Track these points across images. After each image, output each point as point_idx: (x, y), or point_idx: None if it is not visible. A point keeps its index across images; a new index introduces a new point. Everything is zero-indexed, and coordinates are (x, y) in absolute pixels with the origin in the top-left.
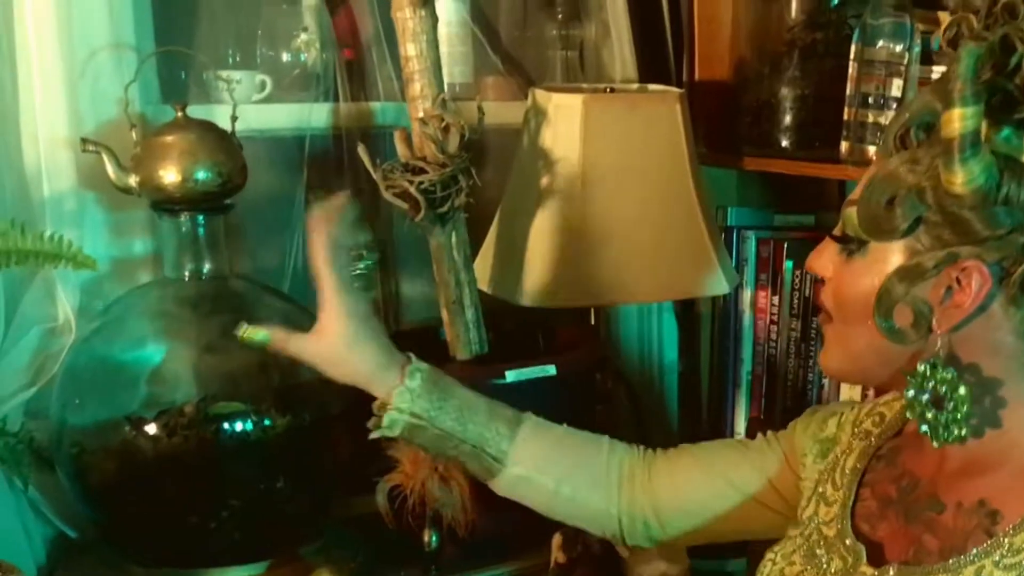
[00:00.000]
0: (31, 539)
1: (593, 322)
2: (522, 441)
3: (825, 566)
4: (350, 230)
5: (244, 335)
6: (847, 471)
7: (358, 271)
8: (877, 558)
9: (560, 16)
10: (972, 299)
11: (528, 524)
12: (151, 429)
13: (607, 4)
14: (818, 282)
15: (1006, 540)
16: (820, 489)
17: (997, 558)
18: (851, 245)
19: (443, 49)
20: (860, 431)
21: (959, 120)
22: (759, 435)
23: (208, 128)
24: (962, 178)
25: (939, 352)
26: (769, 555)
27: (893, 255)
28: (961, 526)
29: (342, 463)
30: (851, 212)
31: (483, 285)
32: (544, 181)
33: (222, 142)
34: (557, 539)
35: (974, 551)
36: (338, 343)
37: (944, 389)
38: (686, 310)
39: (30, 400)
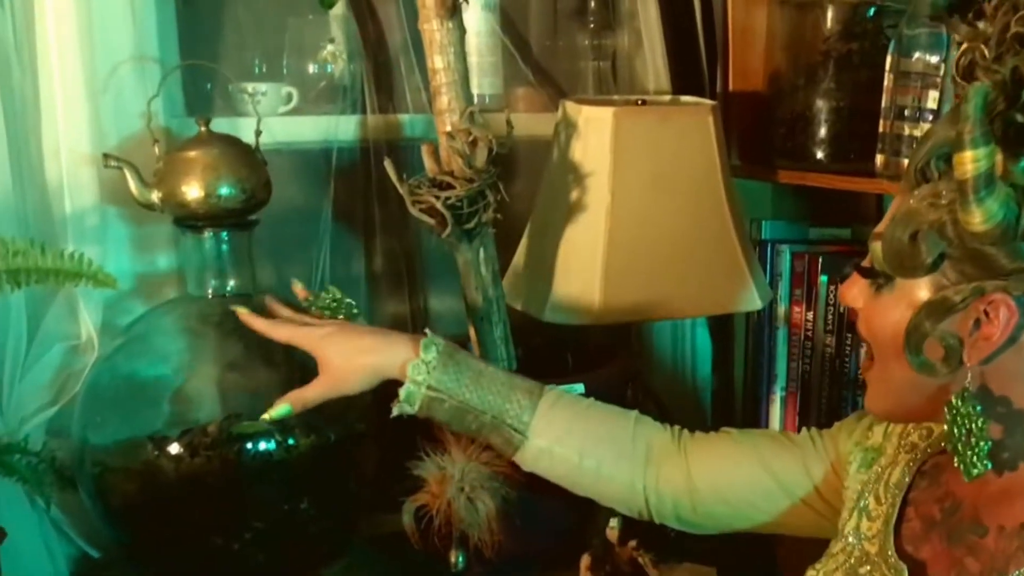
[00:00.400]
0: (54, 558)
1: (631, 338)
2: (544, 412)
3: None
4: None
5: (270, 417)
6: (891, 485)
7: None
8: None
9: (592, 26)
10: (1001, 331)
11: (556, 545)
12: (174, 449)
13: (640, 13)
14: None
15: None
16: (863, 502)
17: None
18: (879, 279)
19: (472, 60)
20: (906, 443)
21: (971, 162)
22: (804, 430)
23: (232, 143)
24: (980, 217)
25: (968, 385)
26: (811, 572)
27: (920, 290)
28: (1003, 549)
29: (367, 483)
30: (877, 247)
31: (512, 300)
32: (574, 195)
33: (246, 157)
34: (585, 560)
35: (1016, 573)
36: (339, 363)
37: (970, 424)
38: (720, 325)
39: (52, 418)
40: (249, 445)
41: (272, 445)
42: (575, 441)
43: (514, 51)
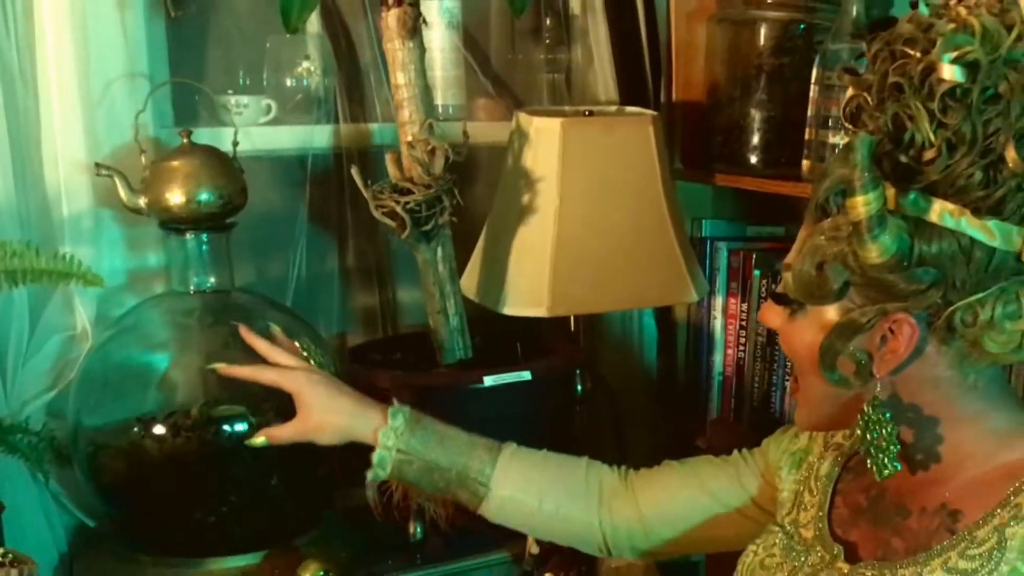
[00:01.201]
0: (53, 529)
1: (572, 329)
2: (504, 465)
3: (804, 559)
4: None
5: (250, 443)
6: (822, 476)
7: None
8: (851, 557)
9: (547, 41)
10: (905, 346)
11: None
12: (158, 430)
13: (591, 31)
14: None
15: (968, 534)
16: (799, 498)
17: (962, 549)
18: (792, 305)
19: (436, 73)
20: (832, 443)
21: (862, 205)
22: (735, 452)
23: (211, 153)
24: (875, 252)
25: (879, 394)
26: (751, 547)
27: (829, 313)
28: (926, 526)
29: (332, 461)
30: (788, 277)
31: (471, 294)
32: (526, 198)
33: (224, 166)
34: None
35: (938, 547)
36: (315, 414)
37: (880, 429)
38: (664, 314)
39: (51, 402)
40: (226, 427)
41: (246, 427)
42: (534, 488)
43: (475, 65)
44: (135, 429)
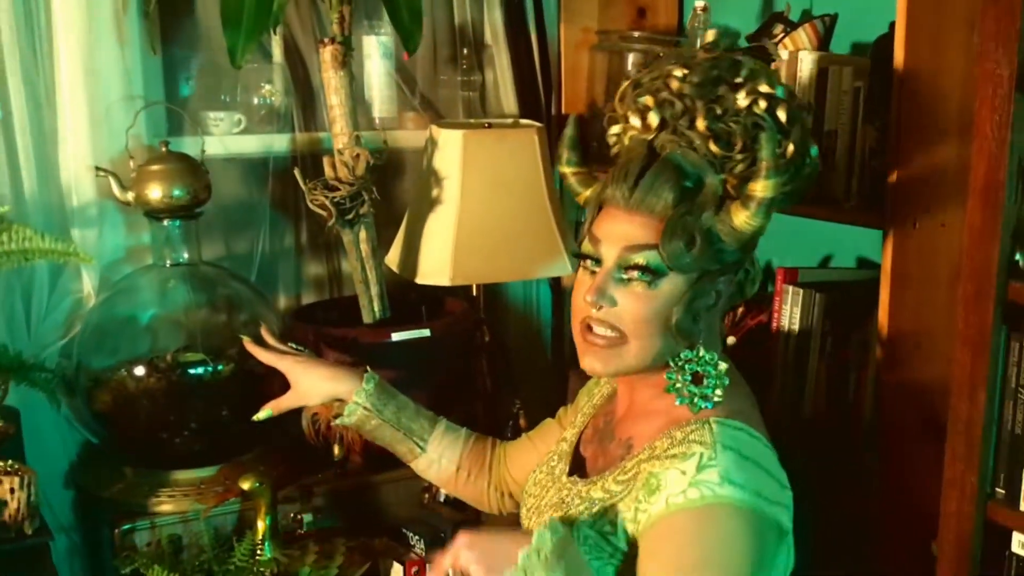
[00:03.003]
0: (65, 443)
1: (475, 295)
2: (437, 435)
3: (554, 467)
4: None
5: (258, 418)
6: (593, 405)
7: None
8: (579, 469)
9: (464, 66)
10: (721, 301)
11: None
12: (139, 371)
13: (495, 59)
14: (596, 310)
15: (623, 464)
16: (574, 420)
17: (617, 475)
18: (643, 279)
19: (374, 93)
20: (607, 389)
21: (763, 190)
22: (561, 408)
23: (182, 159)
24: (758, 223)
25: (701, 342)
26: (534, 471)
27: (677, 283)
28: (615, 453)
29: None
30: (639, 256)
31: (394, 266)
32: (435, 192)
33: (193, 169)
34: None
35: (610, 470)
36: (305, 385)
37: (706, 368)
38: (556, 284)
39: (63, 347)
40: (191, 370)
41: (207, 370)
42: (456, 456)
43: (404, 87)
44: (122, 370)
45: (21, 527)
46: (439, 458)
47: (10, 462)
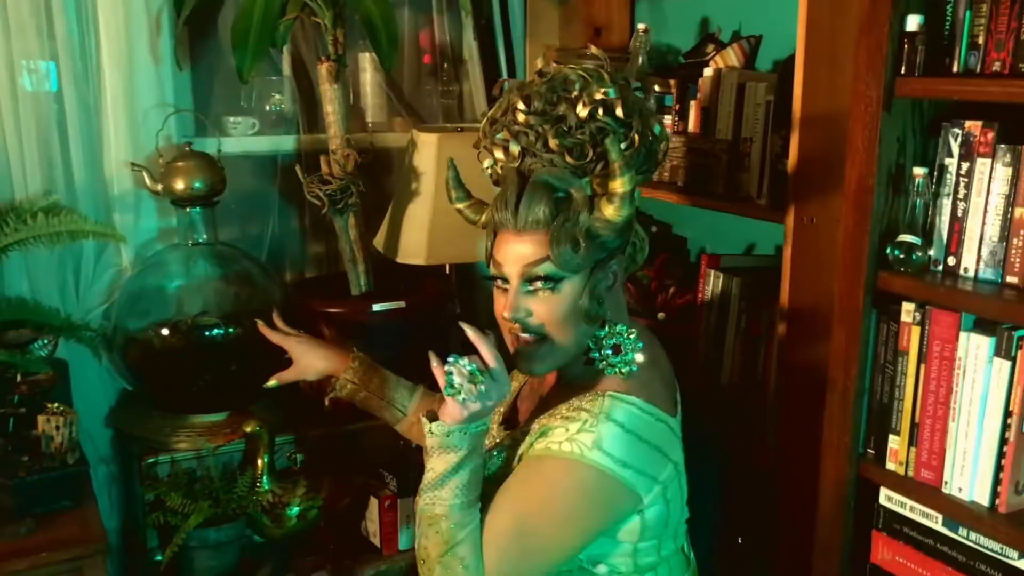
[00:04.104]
0: (105, 389)
1: (448, 272)
2: (416, 401)
3: (496, 418)
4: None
5: (266, 387)
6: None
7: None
8: (515, 420)
9: (444, 78)
10: (618, 280)
11: None
12: (164, 332)
13: (469, 72)
14: (515, 322)
15: (533, 422)
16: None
17: (524, 427)
18: (547, 287)
19: (368, 101)
20: None
21: (623, 185)
22: None
23: (202, 156)
24: (626, 213)
25: (611, 319)
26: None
27: (576, 280)
28: (533, 411)
29: (276, 355)
30: (538, 269)
31: (380, 247)
32: (414, 186)
33: (211, 165)
34: None
35: (524, 424)
36: (304, 361)
37: (622, 339)
38: None
39: (104, 311)
40: (207, 332)
41: (220, 332)
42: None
43: (392, 96)
44: (150, 330)
45: (64, 458)
46: (417, 421)
47: (57, 404)
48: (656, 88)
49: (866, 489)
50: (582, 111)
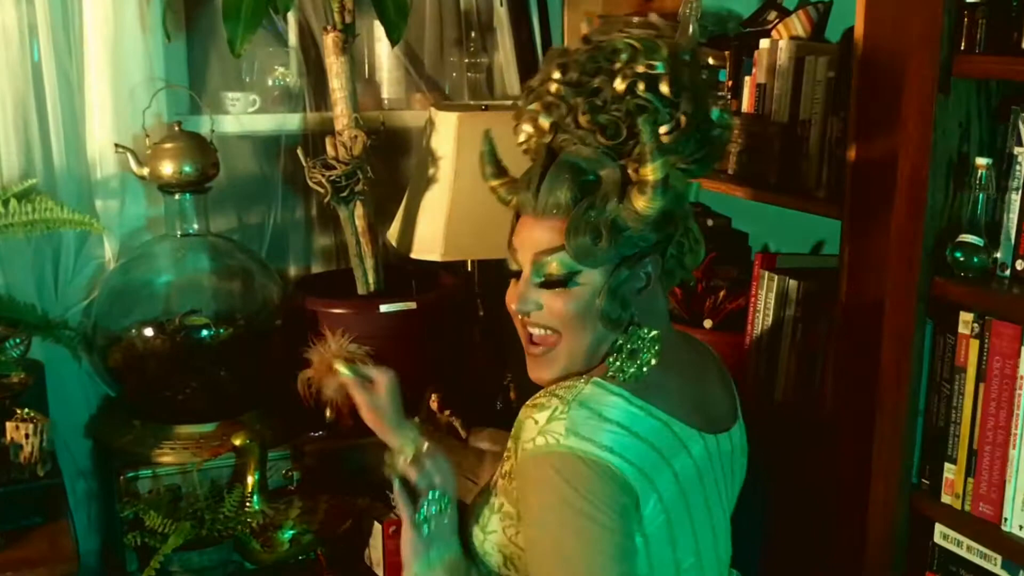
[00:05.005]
0: (87, 395)
1: (469, 270)
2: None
3: None
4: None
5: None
6: None
7: None
8: None
9: (471, 49)
10: (653, 282)
11: None
12: (147, 332)
13: (500, 43)
14: (524, 316)
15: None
16: None
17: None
18: (560, 283)
19: (384, 75)
20: None
21: (653, 172)
22: None
23: (193, 137)
24: (657, 205)
25: (636, 323)
26: None
27: (595, 276)
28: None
29: (268, 360)
30: (551, 259)
31: (394, 241)
32: (431, 171)
33: (202, 147)
34: (415, 421)
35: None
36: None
37: (642, 343)
38: None
39: (85, 307)
40: (195, 333)
41: (209, 333)
42: None
43: (411, 69)
44: (133, 330)
45: (34, 469)
46: None
47: (27, 410)
48: (710, 61)
49: (920, 524)
50: (619, 85)
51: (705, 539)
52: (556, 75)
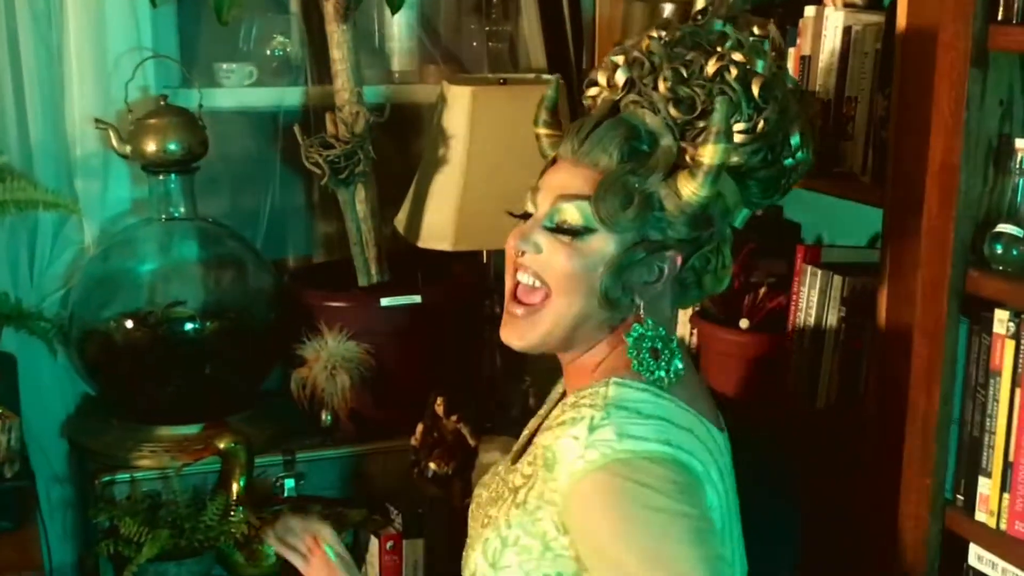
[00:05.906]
0: (63, 393)
1: (484, 261)
2: None
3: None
4: None
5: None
6: (551, 399)
7: None
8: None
9: (492, 17)
10: (664, 281)
11: (397, 415)
12: (128, 324)
13: (524, 10)
14: (519, 257)
15: (546, 411)
16: None
17: (528, 457)
18: (571, 232)
19: (395, 44)
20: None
21: (712, 155)
22: None
23: (179, 113)
24: (705, 192)
25: (643, 317)
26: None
27: (607, 242)
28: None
29: (258, 357)
30: (571, 205)
31: (401, 228)
32: (441, 152)
33: (189, 123)
34: (419, 428)
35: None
36: None
37: (659, 344)
38: None
39: (63, 297)
40: (180, 326)
41: (194, 326)
42: None
43: (425, 39)
44: (111, 322)
45: (1, 470)
46: None
47: None
48: (755, 30)
49: (954, 544)
50: (712, 66)
51: (739, 549)
52: (655, 33)
